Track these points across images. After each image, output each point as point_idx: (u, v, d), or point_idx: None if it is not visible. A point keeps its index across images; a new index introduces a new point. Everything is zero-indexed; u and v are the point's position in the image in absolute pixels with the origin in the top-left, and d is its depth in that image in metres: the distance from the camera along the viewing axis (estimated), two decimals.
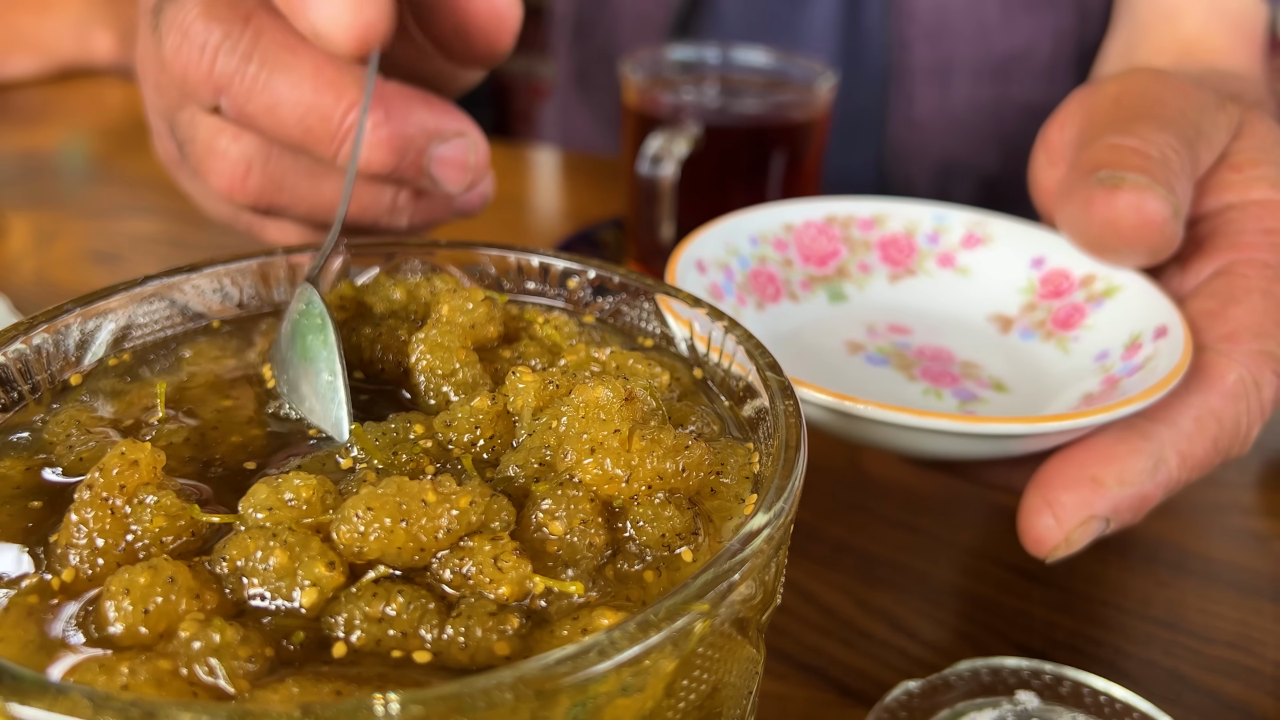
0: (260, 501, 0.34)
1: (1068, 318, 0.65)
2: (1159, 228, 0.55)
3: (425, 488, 0.33)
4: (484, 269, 0.53)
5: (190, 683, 0.29)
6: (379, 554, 0.32)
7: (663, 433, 0.36)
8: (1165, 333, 0.57)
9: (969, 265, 0.70)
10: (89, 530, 0.34)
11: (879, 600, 0.60)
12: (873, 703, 0.51)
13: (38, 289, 0.96)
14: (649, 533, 0.35)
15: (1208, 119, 0.60)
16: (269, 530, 0.32)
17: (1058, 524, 0.51)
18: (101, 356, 0.45)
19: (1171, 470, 0.52)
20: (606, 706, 0.28)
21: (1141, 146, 0.56)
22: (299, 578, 0.31)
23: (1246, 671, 0.56)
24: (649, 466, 0.35)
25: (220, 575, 0.32)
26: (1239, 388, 0.53)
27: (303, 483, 0.34)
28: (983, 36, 1.14)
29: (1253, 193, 0.59)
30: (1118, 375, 0.58)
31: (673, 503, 0.35)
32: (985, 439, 0.51)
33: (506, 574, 0.32)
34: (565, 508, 0.34)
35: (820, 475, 0.70)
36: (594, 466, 0.36)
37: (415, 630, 0.31)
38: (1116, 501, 0.51)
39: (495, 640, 0.31)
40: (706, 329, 0.46)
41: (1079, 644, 0.57)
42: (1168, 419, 0.53)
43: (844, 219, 0.71)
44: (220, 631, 0.29)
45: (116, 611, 0.30)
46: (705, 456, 0.37)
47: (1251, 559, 0.64)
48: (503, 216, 1.16)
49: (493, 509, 0.34)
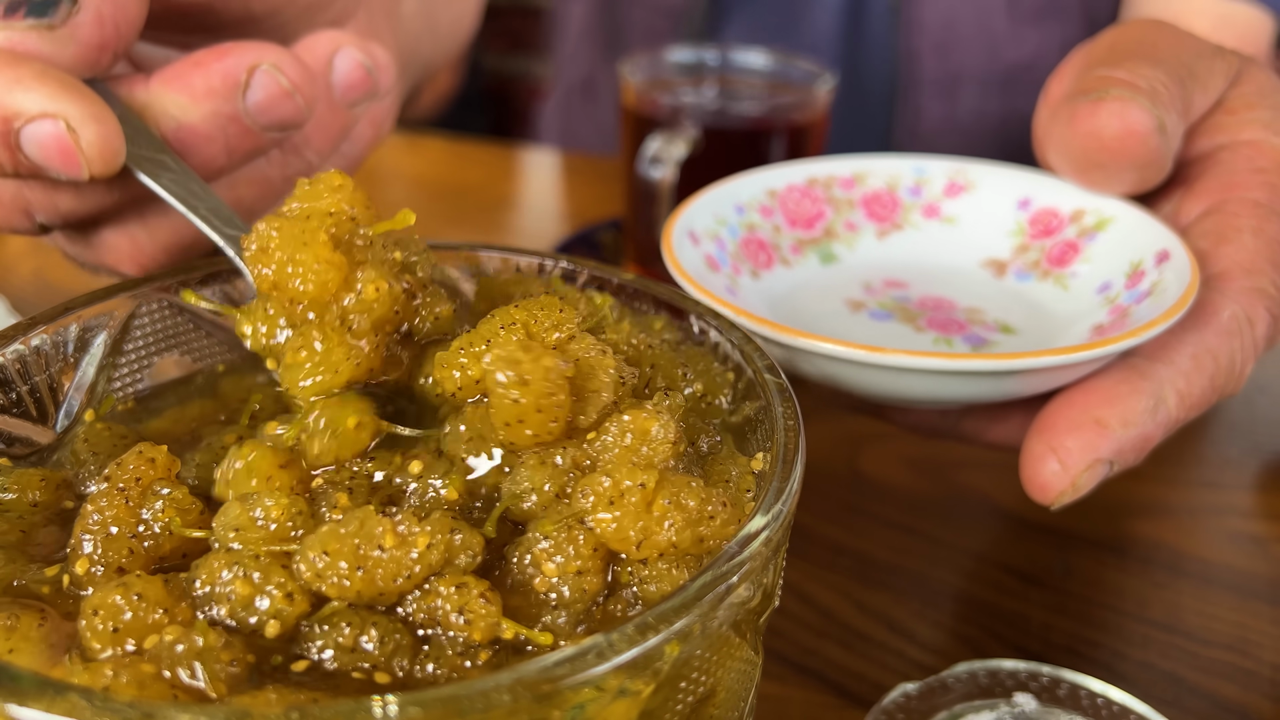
0: (231, 521, 0.33)
1: (1062, 255, 0.65)
2: (1143, 138, 0.55)
3: (386, 530, 0.32)
4: (483, 269, 0.53)
5: (172, 685, 0.29)
6: (338, 595, 0.31)
7: (689, 496, 0.34)
8: (1168, 257, 0.56)
9: (955, 214, 0.70)
10: (103, 519, 0.34)
11: (877, 602, 0.60)
12: (870, 705, 0.51)
13: (36, 289, 0.96)
14: (650, 593, 0.34)
15: (1203, 64, 0.60)
16: (234, 554, 0.32)
17: (1063, 469, 0.50)
18: (102, 359, 0.45)
19: (1171, 409, 0.51)
20: (604, 709, 0.28)
21: (1130, 77, 0.56)
22: (259, 608, 0.31)
23: (1244, 674, 0.56)
24: (665, 536, 0.33)
25: (196, 594, 0.33)
26: (1233, 324, 0.53)
27: (274, 502, 0.33)
28: (990, 48, 1.14)
29: (1244, 133, 0.59)
30: (1125, 304, 0.58)
31: (684, 565, 0.34)
32: (1018, 375, 0.49)
33: (475, 623, 0.31)
34: (565, 554, 0.33)
35: (818, 477, 0.70)
36: (609, 520, 0.33)
37: (386, 663, 0.31)
38: (1121, 443, 0.50)
39: (468, 674, 0.31)
40: (704, 329, 0.46)
41: (1077, 646, 0.57)
42: (1165, 357, 0.52)
43: (825, 180, 0.71)
44: (203, 635, 0.29)
45: (90, 631, 0.31)
46: (730, 524, 0.34)
47: (1249, 562, 0.64)
48: (500, 218, 1.17)
49: (455, 548, 0.33)
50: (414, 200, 1.20)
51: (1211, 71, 0.60)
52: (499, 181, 1.27)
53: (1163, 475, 0.72)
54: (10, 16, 0.44)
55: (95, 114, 0.43)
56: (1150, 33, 0.62)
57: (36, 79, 0.43)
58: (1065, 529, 0.66)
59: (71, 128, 0.43)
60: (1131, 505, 0.69)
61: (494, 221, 1.15)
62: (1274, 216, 0.56)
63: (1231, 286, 0.54)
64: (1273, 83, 0.62)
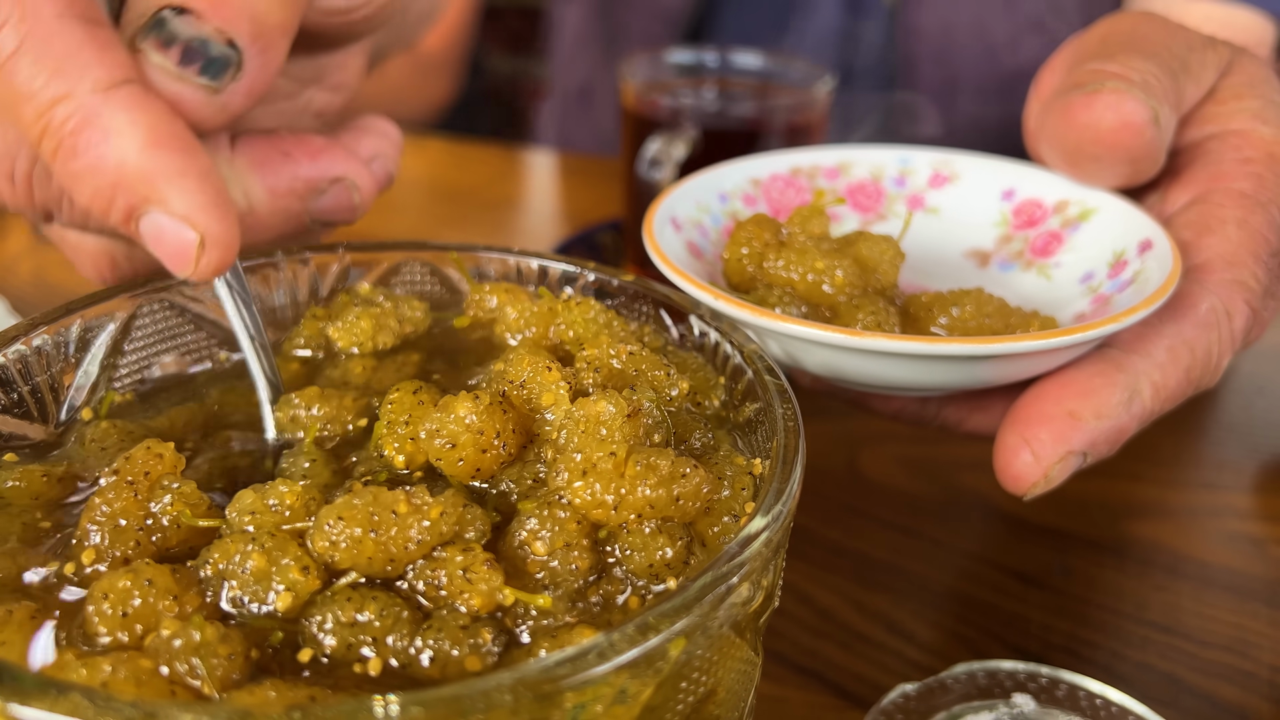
0: (246, 506, 0.34)
1: (1045, 245, 0.65)
2: (1138, 130, 0.55)
3: (398, 498, 0.33)
4: (482, 271, 0.53)
5: (170, 681, 0.29)
6: (350, 563, 0.32)
7: (660, 457, 0.35)
8: (1150, 246, 0.56)
9: (939, 205, 0.70)
10: (112, 510, 0.35)
11: (876, 603, 0.60)
12: (870, 705, 0.51)
13: (36, 290, 0.96)
14: (636, 561, 0.34)
15: (1195, 56, 0.60)
16: (250, 535, 0.33)
17: (1036, 461, 0.50)
18: (103, 360, 0.45)
19: (1145, 401, 0.51)
20: (605, 709, 0.28)
21: (1123, 70, 0.56)
22: (274, 582, 0.32)
23: (1242, 675, 0.56)
24: (640, 495, 0.34)
25: (204, 579, 0.33)
26: (1211, 317, 0.53)
27: (288, 489, 0.34)
28: (989, 55, 1.13)
29: (1233, 123, 0.59)
30: (1107, 293, 0.58)
31: (664, 531, 0.35)
32: (995, 360, 0.49)
33: (475, 585, 0.32)
34: (550, 529, 0.34)
35: (818, 479, 0.70)
36: (584, 490, 0.34)
37: (384, 638, 0.31)
38: (1094, 435, 0.50)
39: (467, 655, 0.31)
40: (704, 331, 0.46)
41: (1075, 647, 0.57)
42: (1141, 349, 0.52)
43: (809, 169, 0.71)
44: (200, 630, 0.30)
45: (98, 615, 0.31)
46: (704, 485, 0.35)
47: (1247, 563, 0.64)
48: (500, 219, 1.17)
49: (465, 519, 0.34)
50: (415, 200, 1.20)
51: (1203, 63, 0.60)
52: (500, 182, 1.27)
53: (1161, 477, 0.72)
54: (186, 66, 0.42)
55: (229, 240, 0.40)
56: (1141, 25, 0.61)
57: (198, 182, 0.39)
58: (1064, 530, 0.66)
59: (203, 244, 0.40)
60: (1130, 507, 0.69)
61: (494, 222, 1.15)
62: (1259, 208, 0.55)
63: (1211, 279, 0.54)
64: (1263, 73, 0.61)
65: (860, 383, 0.54)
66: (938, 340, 0.47)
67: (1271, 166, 0.57)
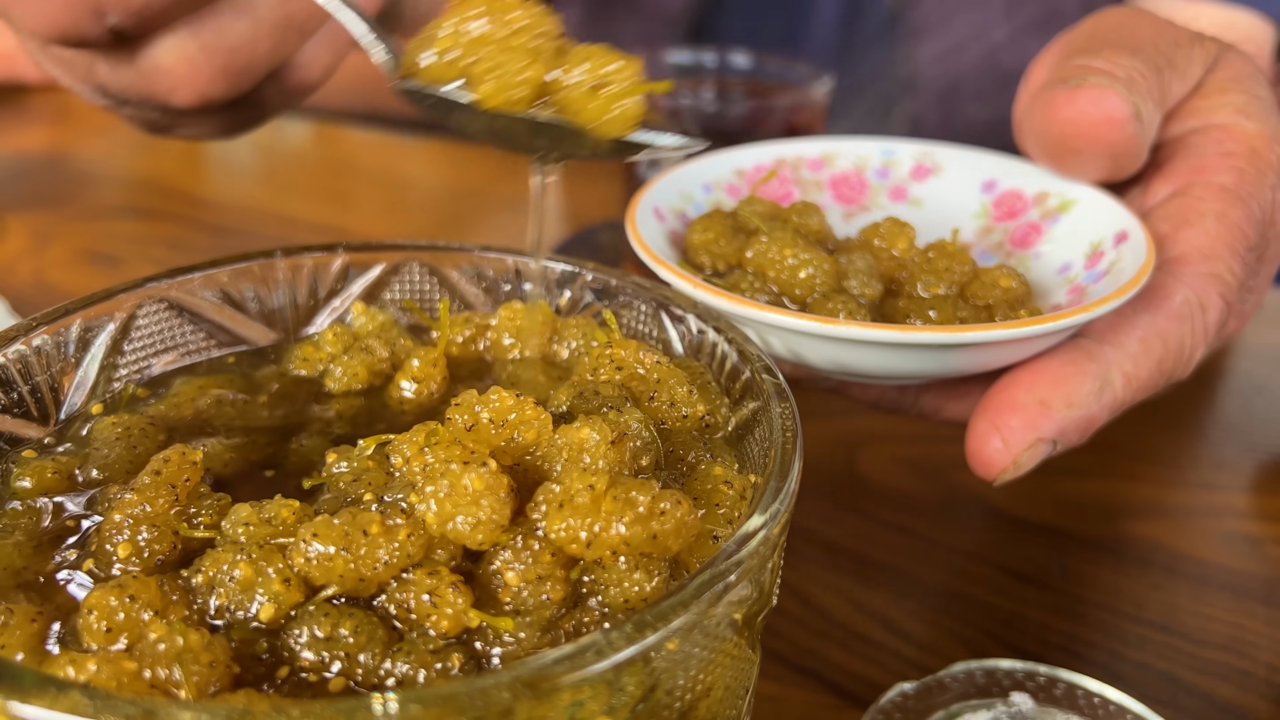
0: (240, 519, 0.35)
1: (1024, 237, 0.65)
2: (1119, 125, 0.55)
3: (372, 519, 0.33)
4: (482, 271, 0.53)
5: (151, 685, 0.29)
6: (325, 579, 0.33)
7: (641, 491, 0.33)
8: (1125, 238, 0.57)
9: (921, 196, 0.70)
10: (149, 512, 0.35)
11: (874, 602, 0.60)
12: (868, 704, 0.51)
13: (35, 290, 0.96)
14: (611, 595, 0.34)
15: (1181, 52, 0.60)
16: (239, 545, 0.34)
17: (1005, 448, 0.51)
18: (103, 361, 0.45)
19: (1117, 391, 0.52)
20: (602, 706, 0.28)
21: (1107, 66, 0.56)
22: (258, 592, 0.32)
23: (1240, 674, 0.56)
24: (614, 533, 0.33)
25: (194, 588, 0.34)
26: (1184, 309, 0.53)
27: (285, 505, 0.35)
28: (990, 56, 1.14)
29: (1216, 117, 0.59)
30: (1084, 284, 0.58)
31: (642, 567, 0.34)
32: (967, 349, 0.49)
33: (441, 608, 0.32)
34: (524, 561, 0.33)
35: (816, 478, 0.70)
36: (558, 523, 0.33)
37: (356, 655, 0.31)
38: (1064, 424, 0.50)
39: (434, 680, 0.31)
40: (702, 330, 0.46)
41: (1073, 646, 0.57)
42: (1114, 340, 0.52)
43: (793, 160, 0.71)
44: (184, 635, 0.30)
45: (85, 630, 0.32)
46: (686, 518, 0.34)
47: (1245, 562, 0.64)
48: (500, 219, 1.17)
49: (433, 542, 0.34)
50: (415, 201, 1.21)
51: (1190, 59, 0.60)
52: (497, 182, 1.27)
53: (1159, 476, 0.73)
54: None
55: None
56: (1130, 21, 0.62)
57: None
58: (1062, 530, 0.67)
59: None
60: (1128, 506, 0.69)
61: (495, 222, 1.15)
62: (1239, 202, 0.56)
63: (1187, 271, 0.54)
64: (1249, 69, 0.61)
65: (832, 371, 0.54)
66: (911, 329, 0.48)
67: (1253, 161, 0.57)
